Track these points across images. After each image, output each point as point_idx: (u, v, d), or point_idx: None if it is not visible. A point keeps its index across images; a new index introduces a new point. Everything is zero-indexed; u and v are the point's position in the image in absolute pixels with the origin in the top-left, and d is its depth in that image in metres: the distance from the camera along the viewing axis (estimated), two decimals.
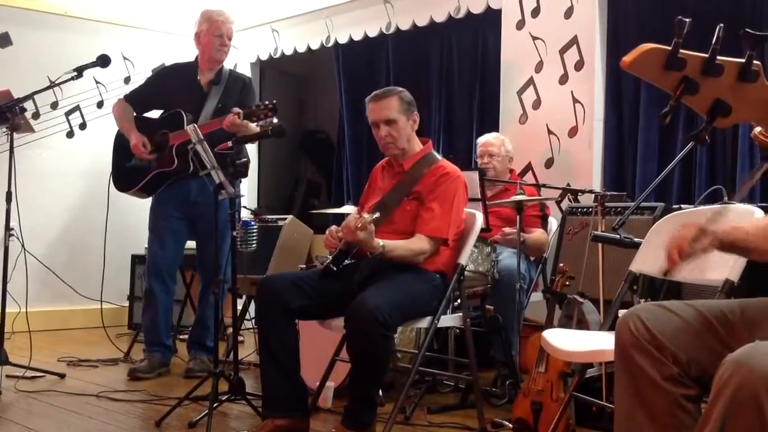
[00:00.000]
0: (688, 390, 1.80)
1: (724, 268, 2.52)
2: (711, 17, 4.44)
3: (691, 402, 1.81)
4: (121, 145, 4.68)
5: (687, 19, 1.36)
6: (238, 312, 4.54)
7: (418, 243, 3.24)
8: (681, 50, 1.36)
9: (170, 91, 4.61)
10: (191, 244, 4.75)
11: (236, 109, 4.21)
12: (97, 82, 6.46)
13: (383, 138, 3.37)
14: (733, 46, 1.51)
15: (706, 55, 1.38)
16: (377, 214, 3.13)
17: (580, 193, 4.35)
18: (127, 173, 4.66)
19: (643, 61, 1.37)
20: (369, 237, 3.07)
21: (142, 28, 6.78)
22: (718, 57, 1.38)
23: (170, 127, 4.45)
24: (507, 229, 4.27)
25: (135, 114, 4.65)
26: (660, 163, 4.72)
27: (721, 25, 1.40)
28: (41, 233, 6.07)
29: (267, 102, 4.22)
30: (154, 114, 4.73)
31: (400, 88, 3.44)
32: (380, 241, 3.12)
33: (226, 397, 3.53)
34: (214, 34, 4.53)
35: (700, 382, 1.81)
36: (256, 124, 4.24)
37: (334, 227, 3.34)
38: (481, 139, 4.73)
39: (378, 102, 3.38)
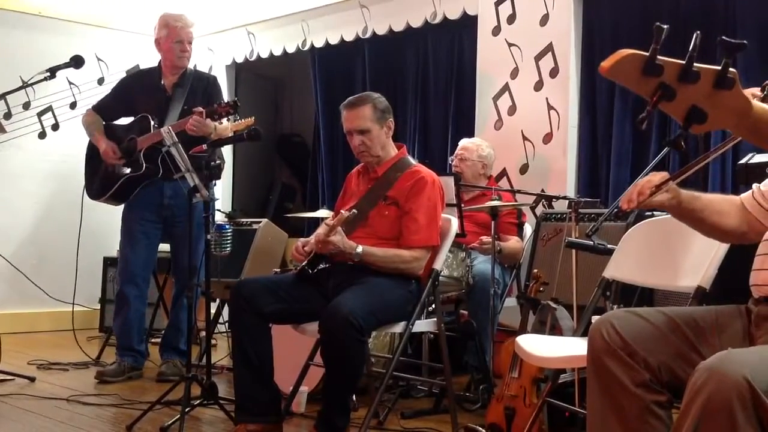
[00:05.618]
0: (659, 396, 1.82)
1: (696, 275, 2.54)
2: (685, 24, 4.48)
3: (662, 408, 1.83)
4: (92, 154, 4.66)
5: (665, 26, 1.36)
6: (212, 316, 4.51)
7: (410, 252, 3.24)
8: (658, 56, 1.37)
9: (135, 98, 4.61)
10: (164, 247, 4.71)
11: (199, 109, 4.17)
12: (70, 83, 6.40)
13: (357, 147, 3.36)
14: (705, 53, 1.53)
15: (683, 62, 1.39)
16: (354, 211, 3.13)
17: (554, 200, 4.36)
18: (98, 181, 4.63)
19: (621, 67, 1.38)
20: (341, 238, 3.09)
21: (117, 29, 6.73)
22: (695, 64, 1.39)
23: (138, 133, 4.44)
24: (485, 238, 4.25)
25: (104, 123, 4.64)
26: (633, 170, 4.75)
27: (698, 32, 1.41)
28: (11, 234, 6.00)
29: (229, 100, 4.20)
30: (123, 122, 4.70)
31: (376, 95, 3.42)
32: (358, 245, 3.13)
33: (198, 401, 3.51)
34: (173, 40, 4.50)
35: (671, 388, 1.83)
36: (219, 122, 4.21)
37: (301, 241, 3.33)
38: (461, 142, 4.75)
39: (351, 110, 3.35)
